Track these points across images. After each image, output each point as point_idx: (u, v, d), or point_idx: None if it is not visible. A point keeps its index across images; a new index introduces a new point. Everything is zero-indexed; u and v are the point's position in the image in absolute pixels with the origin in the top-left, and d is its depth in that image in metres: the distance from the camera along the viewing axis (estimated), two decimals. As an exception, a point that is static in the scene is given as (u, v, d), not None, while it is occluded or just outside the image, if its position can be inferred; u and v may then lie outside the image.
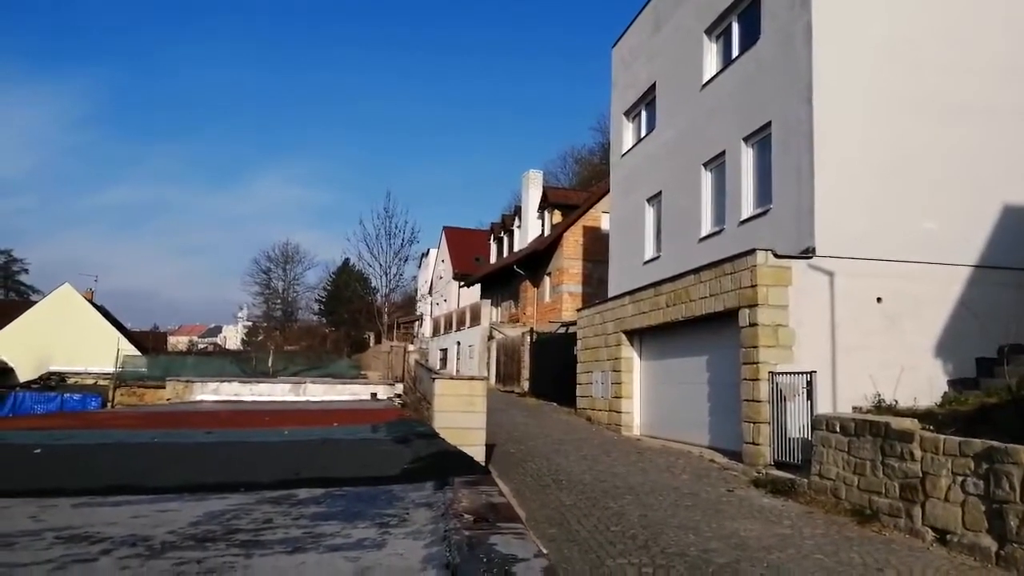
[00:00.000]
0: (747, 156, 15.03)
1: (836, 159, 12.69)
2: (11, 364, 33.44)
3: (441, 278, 53.40)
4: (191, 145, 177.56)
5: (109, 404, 27.25)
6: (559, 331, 26.02)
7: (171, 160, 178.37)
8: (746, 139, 14.94)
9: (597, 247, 28.70)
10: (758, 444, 11.96)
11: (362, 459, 5.21)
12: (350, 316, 60.62)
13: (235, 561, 2.17)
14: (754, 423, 12.11)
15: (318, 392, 23.38)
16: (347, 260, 63.81)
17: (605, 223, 27.07)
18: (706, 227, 16.48)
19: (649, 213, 19.53)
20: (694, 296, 14.56)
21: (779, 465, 11.45)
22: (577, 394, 20.66)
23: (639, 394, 17.77)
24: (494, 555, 1.99)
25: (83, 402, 26.76)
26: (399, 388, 24.28)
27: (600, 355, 19.21)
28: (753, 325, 12.34)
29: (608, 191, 24.30)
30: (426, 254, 59.71)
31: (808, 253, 12.48)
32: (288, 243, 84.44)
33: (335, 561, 2.19)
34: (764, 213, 14.14)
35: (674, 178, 18.02)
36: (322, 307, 72.72)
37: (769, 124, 14.05)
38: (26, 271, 77.94)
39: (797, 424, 11.29)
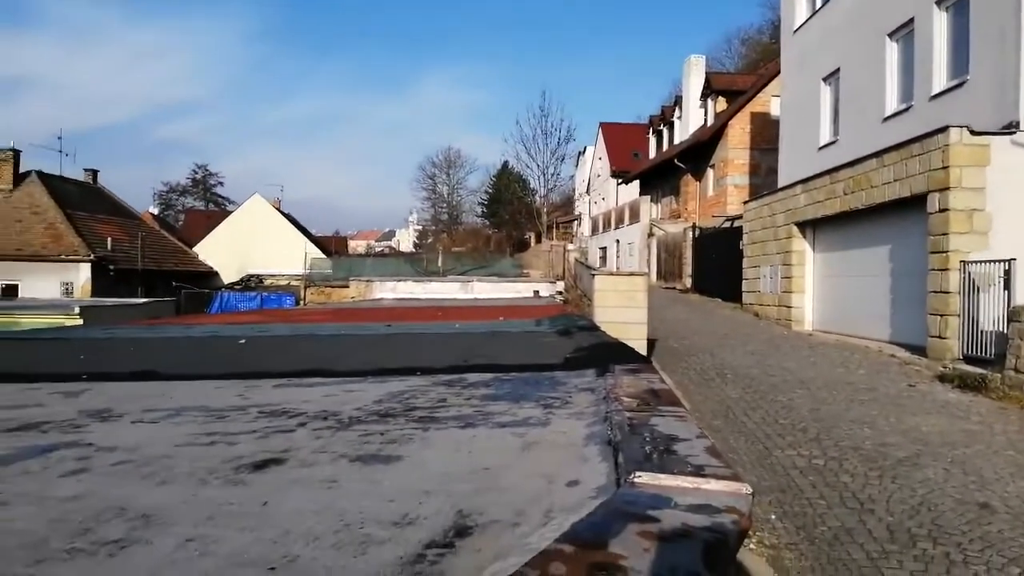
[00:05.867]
0: (940, 21, 13.31)
1: (1055, 14, 10.95)
2: (216, 268, 37.26)
3: (599, 176, 52.67)
4: (356, 55, 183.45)
5: (301, 302, 29.84)
6: (723, 226, 25.09)
7: (338, 71, 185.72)
8: (939, 2, 13.19)
9: (766, 134, 26.98)
10: (945, 338, 11.11)
11: (526, 349, 5.39)
12: (511, 217, 61.69)
13: (414, 434, 2.34)
14: (941, 316, 11.23)
15: (484, 290, 24.30)
16: (506, 163, 64.43)
17: (775, 108, 25.28)
18: (891, 105, 14.97)
19: (825, 93, 17.99)
20: (876, 182, 13.43)
21: (968, 360, 10.63)
22: (743, 289, 20.03)
23: (811, 288, 16.94)
24: (656, 435, 2.01)
25: (279, 301, 29.45)
26: (560, 286, 24.69)
27: (769, 249, 18.38)
28: (944, 211, 11.25)
29: (779, 72, 22.53)
30: (583, 152, 58.87)
31: (1011, 128, 11.06)
32: (450, 148, 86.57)
33: (504, 436, 2.31)
34: (959, 86, 12.60)
35: (854, 52, 16.37)
36: (484, 209, 74.44)
37: (970, -20, 12.30)
38: (221, 184, 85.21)
39: (991, 316, 10.35)
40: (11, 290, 27.07)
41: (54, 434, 2.41)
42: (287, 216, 49.43)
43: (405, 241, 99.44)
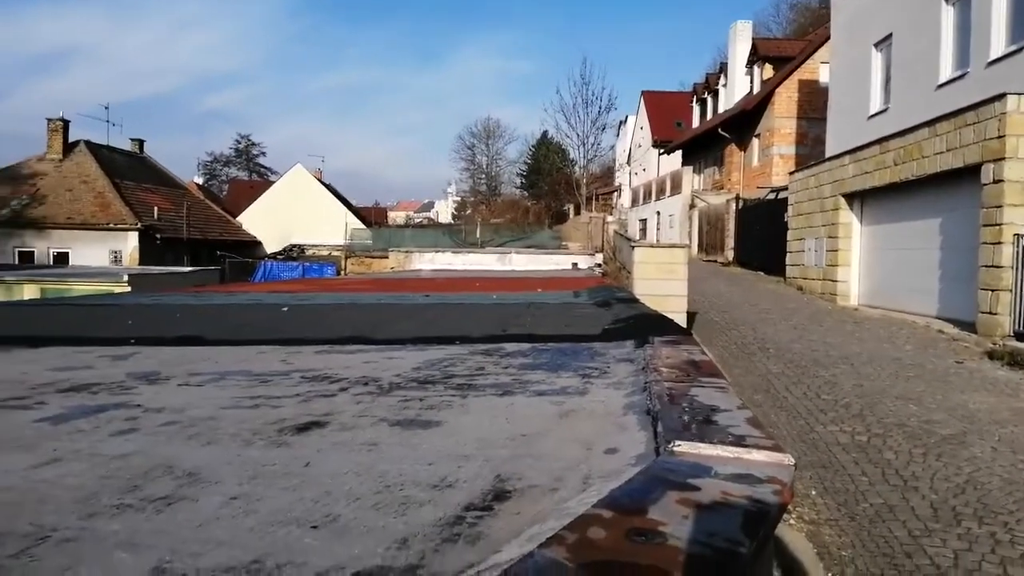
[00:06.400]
0: (1002, -19, 12.75)
1: None
2: (259, 238, 37.84)
3: (640, 146, 51.98)
4: (394, 25, 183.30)
5: (342, 272, 30.21)
6: (768, 197, 24.62)
7: (377, 41, 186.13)
8: (1002, -39, 12.64)
9: (814, 103, 26.30)
10: (996, 314, 10.80)
11: (564, 320, 5.38)
12: (550, 188, 61.37)
13: (452, 400, 2.36)
14: (993, 291, 10.90)
15: (522, 262, 24.26)
16: (545, 132, 63.95)
17: (824, 75, 24.59)
18: (945, 72, 14.45)
19: (876, 59, 17.42)
20: (927, 152, 13.01)
21: (1019, 336, 10.33)
22: (787, 263, 19.69)
23: (858, 262, 16.57)
24: (696, 405, 1.99)
25: (320, 270, 29.85)
26: (599, 258, 24.55)
27: (814, 221, 18.00)
28: (998, 182, 10.87)
29: (828, 38, 21.85)
30: (624, 122, 58.10)
31: (1077, 95, 10.58)
32: (489, 118, 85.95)
33: (542, 404, 2.31)
34: (1019, 51, 12.07)
35: (907, 16, 15.80)
36: (523, 180, 74.16)
37: (1036, -62, 11.73)
38: (264, 154, 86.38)
39: (1047, 292, 10.02)
40: (62, 258, 27.90)
41: (104, 395, 2.48)
42: (328, 187, 49.84)
43: (444, 212, 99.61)
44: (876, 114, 17.28)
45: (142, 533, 1.23)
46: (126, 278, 15.59)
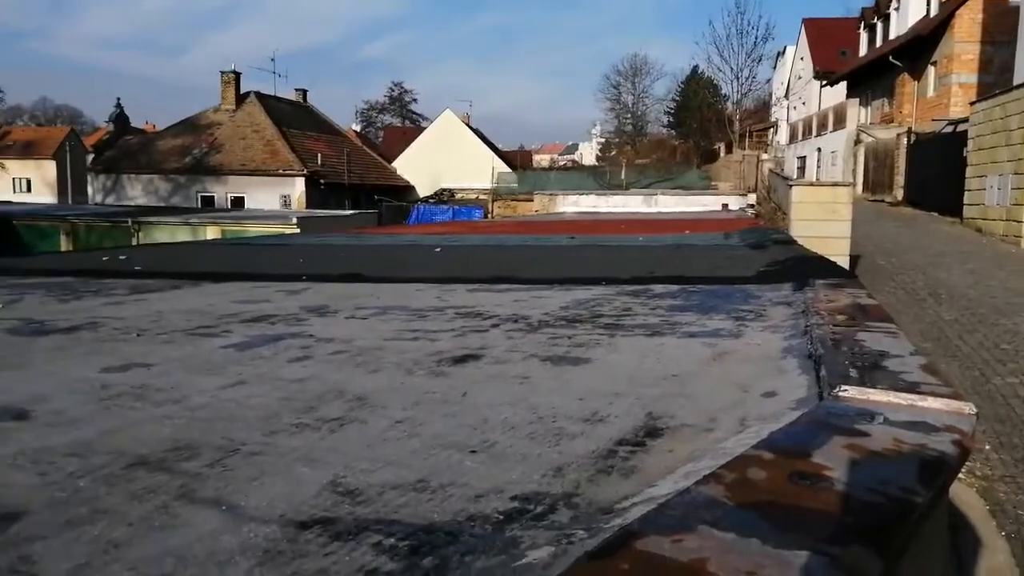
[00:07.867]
0: None
1: None
2: (412, 183, 39.15)
3: (799, 78, 48.58)
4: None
5: (489, 215, 30.82)
6: (944, 130, 22.38)
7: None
8: None
9: (1001, 25, 23.34)
10: None
11: (714, 262, 5.22)
12: (699, 126, 58.77)
13: (600, 339, 2.37)
14: None
15: (669, 203, 23.63)
16: (695, 68, 60.88)
17: (1017, -9, 21.73)
18: None
19: (1087, -32, 15.17)
20: None
21: None
22: (964, 202, 17.93)
23: (1051, 200, 14.82)
24: (863, 350, 1.89)
25: (469, 213, 30.62)
26: (751, 198, 23.44)
27: (999, 156, 16.20)
28: None
29: (1026, -53, 19.19)
30: (782, 52, 54.30)
31: None
32: (636, 55, 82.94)
33: (693, 345, 2.27)
34: None
35: None
36: (671, 119, 71.47)
37: None
38: (416, 100, 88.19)
39: None
40: (239, 202, 30.26)
41: (281, 326, 2.70)
42: (476, 131, 50.50)
43: (588, 155, 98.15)
44: (1084, 31, 15.15)
45: (319, 450, 1.34)
46: (295, 220, 16.71)
